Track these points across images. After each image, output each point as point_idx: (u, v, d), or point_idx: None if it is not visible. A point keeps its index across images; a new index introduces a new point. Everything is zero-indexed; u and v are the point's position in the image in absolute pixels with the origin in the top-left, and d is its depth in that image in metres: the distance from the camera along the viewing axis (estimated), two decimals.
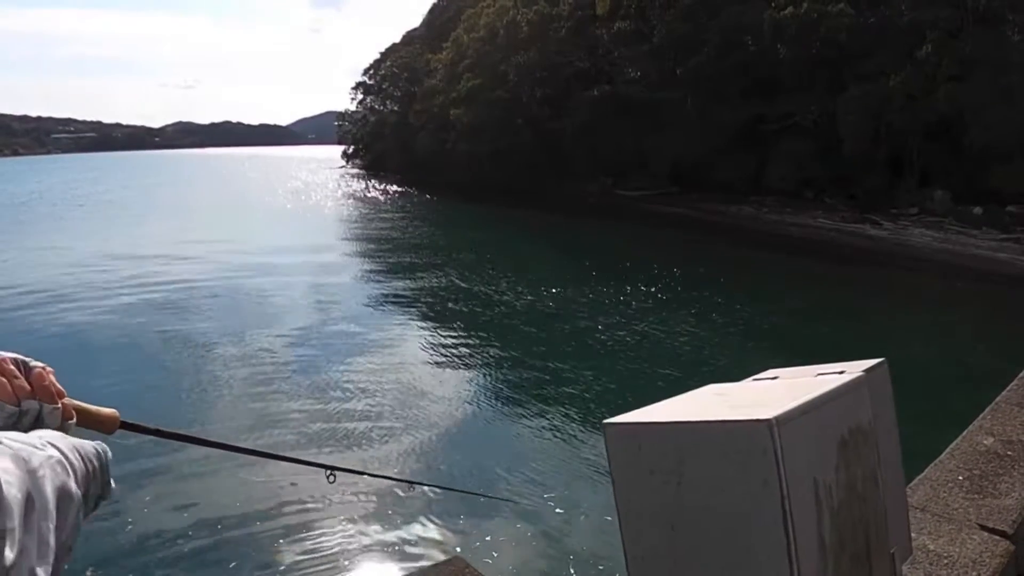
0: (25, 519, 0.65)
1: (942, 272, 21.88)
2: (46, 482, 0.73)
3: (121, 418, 1.19)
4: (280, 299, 18.11)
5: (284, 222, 39.10)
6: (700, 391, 2.26)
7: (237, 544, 6.93)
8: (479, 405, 11.03)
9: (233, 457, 1.69)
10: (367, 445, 9.16)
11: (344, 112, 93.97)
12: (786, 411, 1.64)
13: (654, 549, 1.92)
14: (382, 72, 76.65)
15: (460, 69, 52.97)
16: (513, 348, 14.15)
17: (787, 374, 2.23)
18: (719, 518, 1.74)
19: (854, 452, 1.84)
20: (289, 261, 24.15)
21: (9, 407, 0.93)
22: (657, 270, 21.98)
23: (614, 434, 1.97)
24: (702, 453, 1.75)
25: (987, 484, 3.52)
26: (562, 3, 46.92)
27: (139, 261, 23.24)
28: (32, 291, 18.63)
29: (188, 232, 31.73)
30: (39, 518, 0.68)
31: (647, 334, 14.82)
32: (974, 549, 2.97)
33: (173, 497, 7.64)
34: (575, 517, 7.44)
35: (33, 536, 0.66)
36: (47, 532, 0.69)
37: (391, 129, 68.81)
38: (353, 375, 12.04)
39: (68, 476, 0.80)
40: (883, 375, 2.11)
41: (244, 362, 12.70)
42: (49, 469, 0.75)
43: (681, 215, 35.44)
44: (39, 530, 0.67)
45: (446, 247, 28.47)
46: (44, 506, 0.70)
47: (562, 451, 9.24)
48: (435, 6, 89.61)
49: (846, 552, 1.78)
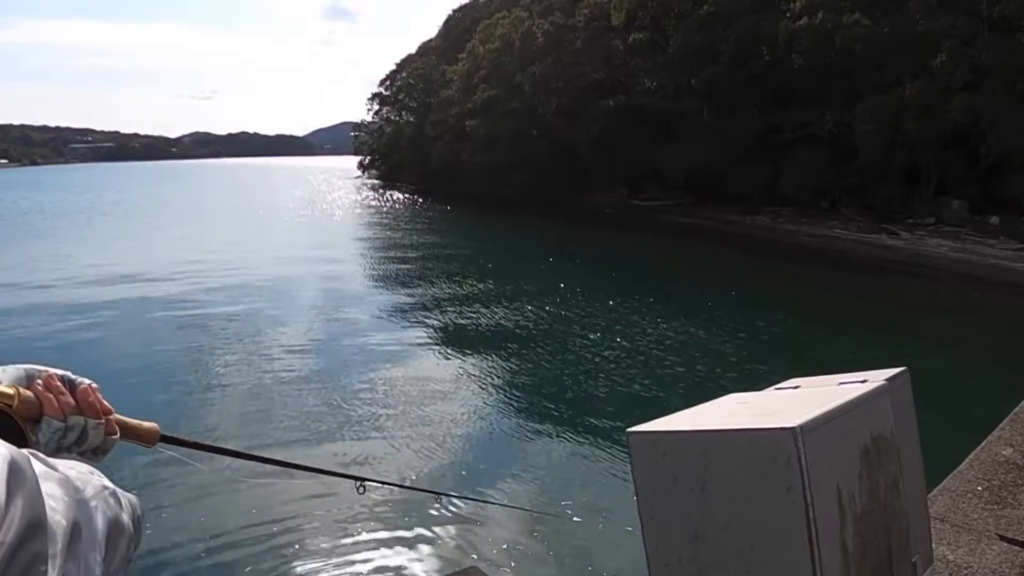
0: (70, 546, 0.64)
1: (959, 282, 21.73)
2: (97, 512, 0.73)
3: (160, 431, 1.23)
4: (303, 308, 18.17)
5: (305, 231, 39.14)
6: (723, 400, 2.28)
7: (266, 551, 6.99)
8: (501, 414, 11.00)
9: (265, 468, 1.72)
10: (393, 456, 9.18)
11: (360, 123, 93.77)
12: (810, 419, 1.66)
13: (677, 557, 1.93)
14: (398, 83, 76.71)
15: (475, 80, 53.05)
16: (532, 358, 14.13)
17: (809, 383, 2.25)
18: (743, 525, 1.76)
19: (876, 460, 1.86)
20: (311, 270, 24.32)
21: (56, 422, 0.95)
22: (674, 280, 21.95)
23: (638, 442, 1.99)
24: (726, 461, 1.77)
25: (1006, 495, 3.52)
26: (577, 14, 46.93)
27: (169, 271, 23.33)
28: (50, 303, 18.80)
29: (213, 241, 31.96)
30: (86, 548, 0.67)
31: (665, 344, 14.78)
32: (993, 559, 2.97)
33: (205, 507, 7.71)
34: (597, 526, 7.43)
35: (79, 565, 0.65)
36: (93, 563, 0.68)
37: (407, 140, 68.81)
38: (378, 386, 12.02)
39: (121, 509, 0.81)
40: (905, 384, 2.13)
41: (273, 375, 12.71)
42: (102, 500, 0.76)
43: (697, 225, 35.33)
44: (85, 560, 0.67)
45: (464, 258, 28.47)
46: (92, 536, 0.70)
47: (584, 459, 9.23)
48: (451, 17, 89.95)
49: (869, 559, 1.80)
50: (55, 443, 0.96)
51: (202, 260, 25.65)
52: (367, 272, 25.47)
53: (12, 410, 0.92)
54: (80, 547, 0.66)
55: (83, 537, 0.67)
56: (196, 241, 32.18)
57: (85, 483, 0.74)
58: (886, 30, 28.85)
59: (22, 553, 0.57)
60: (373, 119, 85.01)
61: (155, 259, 26.10)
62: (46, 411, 0.95)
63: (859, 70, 29.92)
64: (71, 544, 0.64)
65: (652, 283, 21.53)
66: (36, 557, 0.59)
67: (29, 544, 0.58)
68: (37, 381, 0.98)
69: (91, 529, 0.70)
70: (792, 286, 21.71)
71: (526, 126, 47.15)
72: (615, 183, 44.24)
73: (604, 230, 35.78)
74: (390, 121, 79.27)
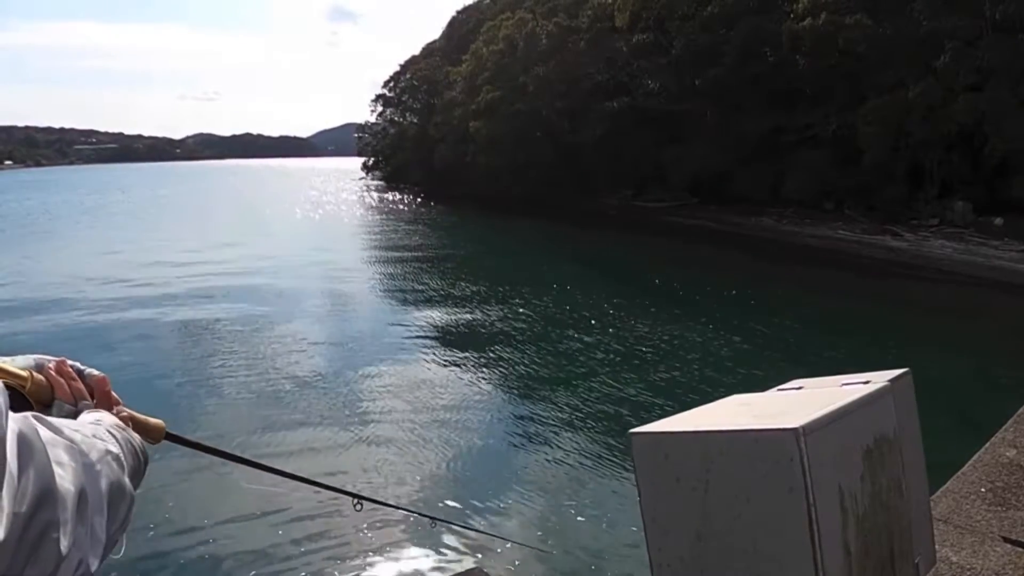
0: (78, 511, 0.67)
1: (963, 283, 21.72)
2: (101, 477, 0.75)
3: (167, 429, 1.23)
4: (309, 312, 18.17)
5: (310, 233, 39.14)
6: (725, 401, 2.28)
7: (258, 559, 7.00)
8: (503, 417, 11.02)
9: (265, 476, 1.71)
10: (392, 473, 9.09)
11: (364, 124, 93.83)
12: (812, 420, 1.66)
13: (680, 557, 1.93)
14: (402, 84, 76.79)
15: (479, 81, 53.02)
16: (535, 359, 14.11)
17: (812, 384, 2.25)
18: (745, 526, 1.76)
19: (879, 461, 1.87)
20: (316, 272, 24.50)
21: (67, 406, 0.97)
22: (677, 281, 21.93)
23: (640, 443, 2.00)
24: (729, 461, 1.78)
25: (1010, 496, 3.52)
26: (581, 15, 46.96)
27: (173, 272, 23.36)
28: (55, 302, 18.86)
29: (218, 242, 32.04)
30: (92, 512, 0.70)
31: (668, 346, 14.78)
32: (997, 561, 2.97)
33: (202, 509, 7.71)
34: (601, 529, 7.45)
35: (87, 528, 0.68)
36: (99, 527, 0.71)
37: (411, 141, 68.84)
38: (382, 395, 11.90)
39: (122, 471, 0.83)
40: (907, 385, 2.13)
41: (277, 379, 12.70)
42: (105, 465, 0.78)
43: (700, 226, 35.35)
44: (92, 523, 0.69)
45: (467, 261, 28.52)
46: (97, 500, 0.72)
47: (587, 462, 9.22)
48: (454, 18, 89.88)
49: (871, 560, 1.80)
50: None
51: (207, 262, 25.72)
52: (371, 275, 25.52)
53: (26, 391, 0.93)
54: (87, 511, 0.69)
55: (90, 501, 0.70)
56: (202, 242, 32.26)
57: (90, 447, 0.77)
58: (889, 31, 28.80)
59: (36, 522, 0.60)
60: (377, 120, 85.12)
61: (160, 259, 26.14)
62: (57, 395, 0.97)
63: (863, 71, 29.85)
64: (79, 509, 0.67)
65: (655, 285, 21.55)
66: (49, 525, 0.62)
67: (41, 513, 0.61)
68: (48, 367, 1.00)
69: (96, 493, 0.73)
70: (795, 287, 21.69)
71: (530, 127, 47.13)
72: (619, 184, 44.21)
73: (608, 231, 35.82)
74: (394, 122, 79.25)
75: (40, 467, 0.62)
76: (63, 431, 0.73)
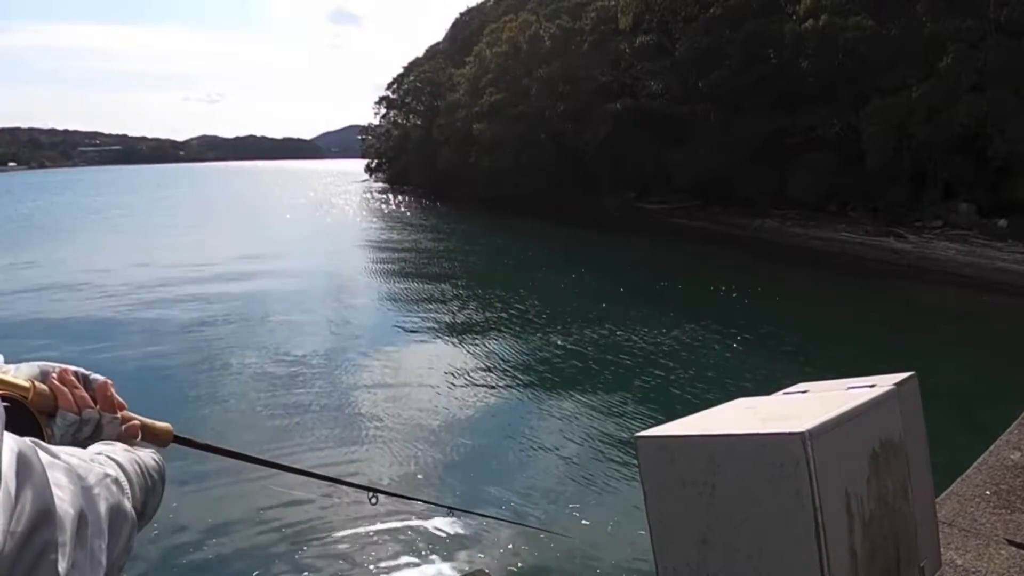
0: (78, 535, 0.65)
1: (967, 286, 21.68)
2: (100, 500, 0.74)
3: (174, 432, 1.23)
4: (315, 313, 18.14)
5: (314, 235, 39.17)
6: (730, 404, 2.28)
7: (274, 557, 7.00)
8: (507, 420, 10.98)
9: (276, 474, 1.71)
10: (405, 466, 9.11)
11: (367, 126, 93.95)
12: (818, 424, 1.66)
13: (686, 560, 1.93)
14: (405, 87, 76.78)
15: (482, 84, 52.99)
16: (538, 362, 14.13)
17: (818, 388, 2.25)
18: (751, 530, 1.76)
19: (885, 464, 1.86)
20: (321, 273, 24.57)
21: (71, 415, 0.97)
22: (681, 284, 21.93)
23: (646, 447, 2.00)
24: (735, 465, 1.78)
25: (1015, 499, 3.51)
26: (584, 17, 46.88)
27: (179, 274, 23.36)
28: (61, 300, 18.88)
29: (223, 244, 32.09)
30: (92, 535, 0.69)
31: (673, 348, 14.76)
32: (1002, 564, 2.97)
33: (215, 510, 7.71)
34: (607, 532, 7.43)
35: (86, 552, 0.66)
36: (99, 550, 0.70)
37: (414, 143, 68.75)
38: (390, 392, 11.95)
39: (123, 495, 0.83)
40: (913, 389, 2.13)
41: (286, 379, 12.69)
42: (104, 488, 0.77)
43: (704, 228, 35.31)
44: (91, 547, 0.68)
45: (470, 263, 28.50)
46: (97, 524, 0.71)
47: (592, 465, 9.22)
48: (457, 20, 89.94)
49: (877, 563, 1.80)
50: (70, 436, 0.98)
51: (212, 263, 25.69)
52: (376, 276, 25.50)
53: (28, 402, 0.93)
54: (87, 534, 0.68)
55: (89, 525, 0.69)
56: (207, 244, 32.32)
57: (87, 471, 0.76)
58: (892, 33, 28.79)
59: (33, 542, 0.59)
60: (380, 122, 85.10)
61: (167, 262, 26.11)
62: (60, 405, 0.97)
63: (866, 73, 29.83)
64: (79, 532, 0.66)
65: (659, 287, 21.55)
66: (47, 546, 0.60)
67: (39, 533, 0.60)
68: (52, 376, 1.00)
69: (96, 517, 0.71)
70: (799, 289, 21.69)
71: (533, 129, 47.10)
72: (623, 186, 44.11)
73: (612, 233, 35.76)
74: (397, 124, 79.19)
75: (39, 487, 0.61)
76: (60, 456, 0.72)
